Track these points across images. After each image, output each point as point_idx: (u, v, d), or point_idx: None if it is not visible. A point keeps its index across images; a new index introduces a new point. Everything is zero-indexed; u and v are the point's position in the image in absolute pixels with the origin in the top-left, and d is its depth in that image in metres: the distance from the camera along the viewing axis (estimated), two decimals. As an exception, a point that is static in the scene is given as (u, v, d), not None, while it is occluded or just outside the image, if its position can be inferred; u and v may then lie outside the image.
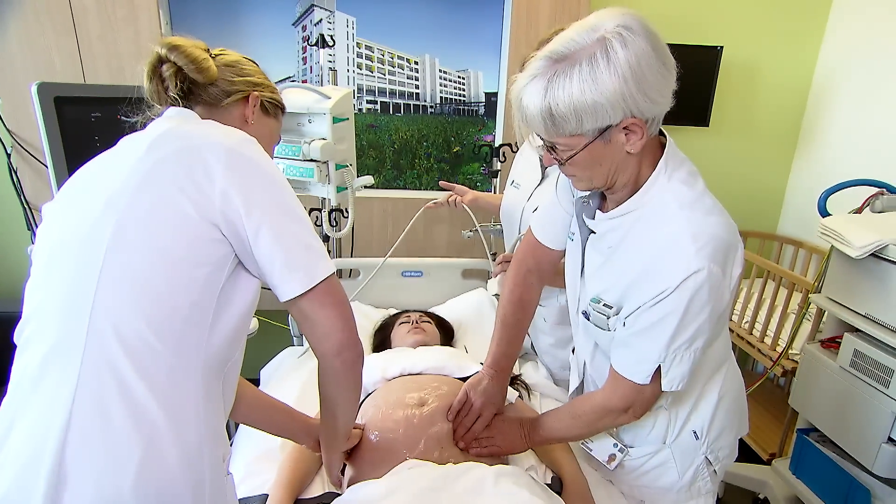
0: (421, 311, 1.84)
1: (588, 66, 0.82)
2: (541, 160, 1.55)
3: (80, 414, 0.67)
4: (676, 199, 0.93)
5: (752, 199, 2.79)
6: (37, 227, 2.21)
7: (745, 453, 2.28)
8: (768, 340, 2.17)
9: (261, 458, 1.27)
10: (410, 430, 1.18)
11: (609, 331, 1.04)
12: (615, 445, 1.16)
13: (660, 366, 0.97)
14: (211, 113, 0.94)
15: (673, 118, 2.79)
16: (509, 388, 1.36)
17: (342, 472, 1.17)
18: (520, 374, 1.61)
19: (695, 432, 1.11)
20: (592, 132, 0.88)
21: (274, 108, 1.04)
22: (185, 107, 0.92)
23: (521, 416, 1.29)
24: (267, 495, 1.14)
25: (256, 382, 1.64)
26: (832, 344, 1.72)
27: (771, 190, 2.79)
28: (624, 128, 0.88)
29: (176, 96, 0.91)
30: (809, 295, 1.83)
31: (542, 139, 0.93)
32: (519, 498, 0.99)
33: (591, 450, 1.18)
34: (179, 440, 0.70)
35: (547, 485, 1.18)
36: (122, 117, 1.18)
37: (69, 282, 0.73)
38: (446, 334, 1.77)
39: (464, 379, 1.35)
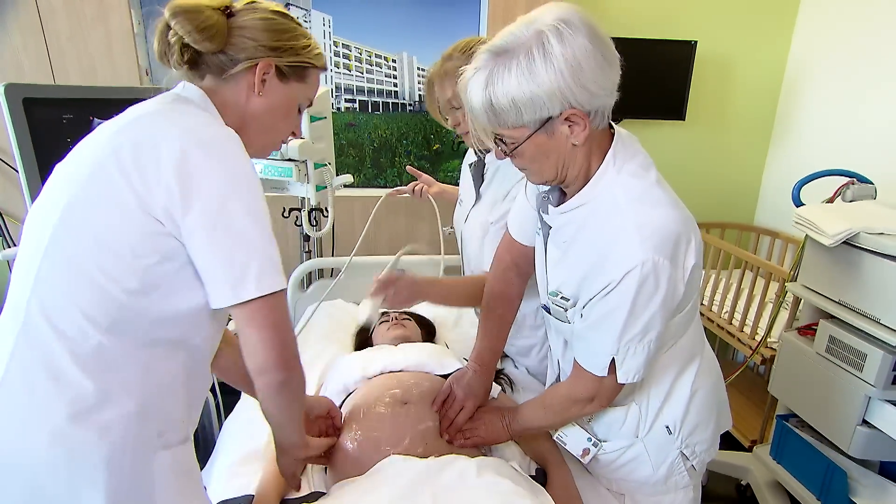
0: (401, 311, 1.84)
1: (525, 60, 0.85)
2: (475, 180, 1.54)
3: (9, 379, 0.75)
4: (625, 191, 0.95)
5: (728, 192, 2.84)
6: (8, 233, 2.18)
7: (728, 441, 2.31)
8: (747, 330, 2.21)
9: (246, 459, 1.26)
10: (395, 427, 1.19)
11: (570, 323, 1.06)
12: (589, 440, 1.17)
13: (614, 359, 0.98)
14: (218, 83, 0.89)
15: (649, 112, 2.85)
16: (493, 383, 1.37)
17: (325, 472, 1.17)
18: (503, 369, 1.62)
19: (668, 427, 1.12)
20: (534, 123, 0.90)
21: (296, 70, 0.92)
22: (196, 75, 0.89)
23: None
24: (252, 496, 1.13)
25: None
26: (809, 331, 1.76)
27: (747, 182, 2.85)
28: (566, 119, 0.90)
29: (184, 65, 0.87)
30: (786, 284, 1.86)
31: (492, 133, 0.95)
32: (502, 488, 1.00)
33: (565, 444, 1.20)
34: (102, 411, 0.75)
35: (531, 477, 1.19)
36: (95, 118, 1.15)
37: (23, 260, 0.79)
38: (428, 331, 1.77)
39: (446, 376, 1.36)
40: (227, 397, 1.80)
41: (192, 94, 0.88)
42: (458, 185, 2.20)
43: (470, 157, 1.61)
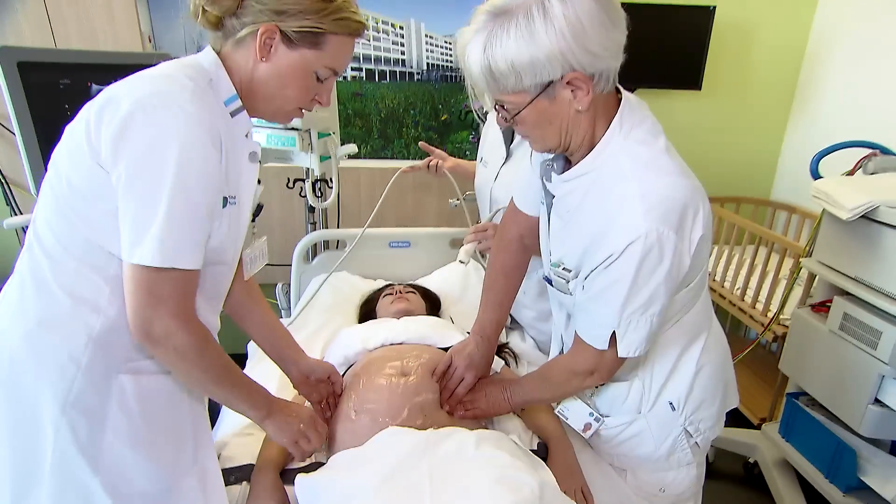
0: (406, 284, 1.82)
1: (525, 21, 0.82)
2: (505, 137, 1.51)
3: (13, 278, 0.91)
4: (631, 159, 0.92)
5: (745, 164, 2.76)
6: (15, 202, 2.19)
7: (736, 418, 2.30)
8: (760, 306, 2.17)
9: (247, 429, 1.26)
10: (394, 399, 1.18)
11: (571, 294, 1.04)
12: (591, 414, 1.16)
13: (615, 332, 0.97)
14: (232, 48, 0.91)
15: (663, 81, 2.77)
16: (496, 356, 1.36)
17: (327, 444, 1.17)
18: (507, 343, 1.61)
19: (671, 403, 1.11)
20: (534, 88, 0.87)
21: (306, 36, 0.89)
22: (220, 38, 0.92)
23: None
24: (252, 465, 1.14)
25: (244, 357, 1.65)
26: (822, 308, 1.72)
27: (765, 154, 2.76)
28: (567, 83, 0.87)
29: (209, 26, 0.91)
30: (800, 259, 1.82)
31: (494, 98, 0.92)
32: (500, 461, 0.99)
33: (566, 418, 1.19)
34: (69, 325, 0.86)
35: (533, 451, 1.18)
36: (93, 84, 1.16)
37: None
38: (432, 305, 1.76)
39: (448, 349, 1.34)
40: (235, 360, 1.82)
41: (205, 59, 0.91)
42: (468, 157, 2.19)
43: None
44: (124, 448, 0.90)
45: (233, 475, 1.13)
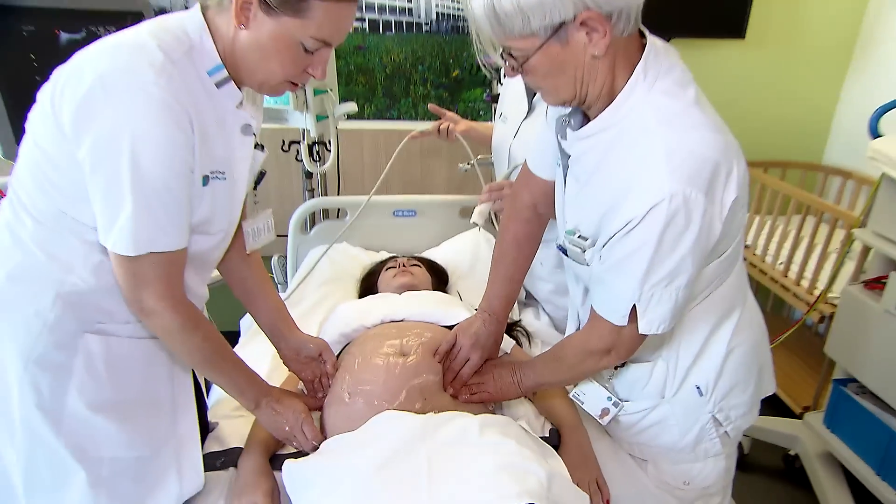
0: (410, 256, 1.80)
1: None
2: (527, 89, 1.48)
3: None
4: (655, 112, 0.88)
5: (794, 123, 2.67)
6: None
7: (775, 406, 2.27)
8: (805, 283, 2.12)
9: (238, 410, 1.26)
10: (391, 380, 1.17)
11: (587, 265, 1.02)
12: (609, 399, 1.15)
13: (635, 306, 0.94)
14: (217, 11, 0.91)
15: (702, 30, 2.67)
16: (506, 336, 1.34)
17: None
18: (519, 321, 1.58)
19: (698, 387, 1.09)
20: (544, 31, 0.84)
21: (287, 2, 0.86)
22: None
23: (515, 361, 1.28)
24: (241, 449, 1.14)
25: (236, 335, 1.67)
26: (877, 285, 1.68)
27: (817, 112, 2.67)
28: (581, 24, 0.83)
29: None
30: (853, 230, 1.75)
31: (500, 45, 0.89)
32: (506, 448, 0.97)
33: (582, 402, 1.18)
34: (38, 282, 0.92)
35: (543, 438, 1.16)
36: (62, 31, 1.17)
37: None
38: (439, 279, 1.74)
39: (453, 327, 1.33)
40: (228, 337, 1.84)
41: (191, 22, 0.91)
42: (482, 119, 2.15)
43: None
44: (89, 411, 0.95)
45: (220, 459, 1.14)
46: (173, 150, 0.85)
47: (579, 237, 1.01)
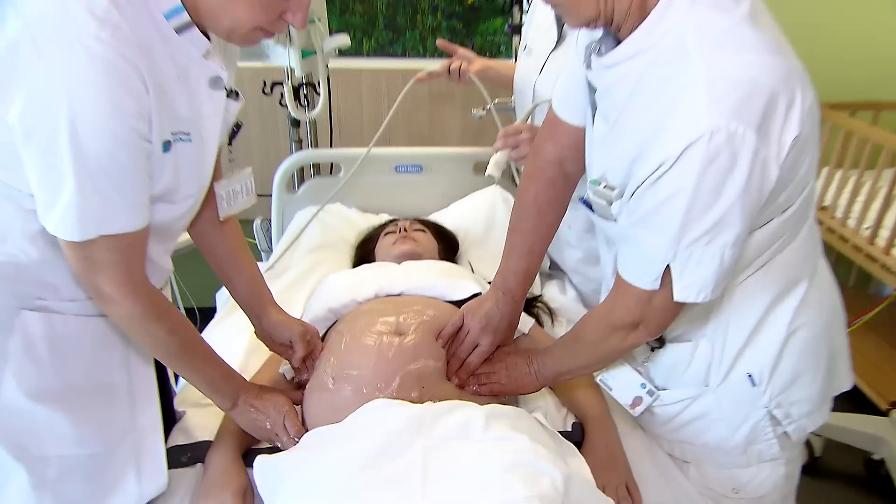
0: (414, 220, 1.79)
1: None
2: (556, 18, 1.45)
3: None
4: (697, 31, 0.85)
5: (884, 50, 2.56)
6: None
7: (856, 401, 2.24)
8: (896, 252, 2.07)
9: (208, 399, 1.24)
10: (383, 364, 1.17)
11: (615, 221, 1.00)
12: (642, 386, 1.13)
13: (670, 267, 0.92)
14: None
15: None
16: (524, 314, 1.33)
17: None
18: (540, 295, 1.57)
19: (750, 376, 1.07)
20: None
21: None
22: None
23: (534, 346, 1.26)
24: (209, 443, 1.15)
25: (211, 311, 1.70)
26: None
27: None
28: None
29: None
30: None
31: None
32: (516, 445, 0.97)
33: (610, 389, 1.18)
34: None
35: (565, 434, 1.16)
36: None
37: None
38: (447, 247, 1.73)
39: (461, 304, 1.32)
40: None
41: None
42: (503, 55, 2.09)
43: None
44: (29, 400, 0.94)
45: (185, 454, 1.16)
46: (121, 120, 0.83)
47: (605, 187, 0.99)
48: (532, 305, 1.48)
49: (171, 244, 1.11)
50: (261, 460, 1.04)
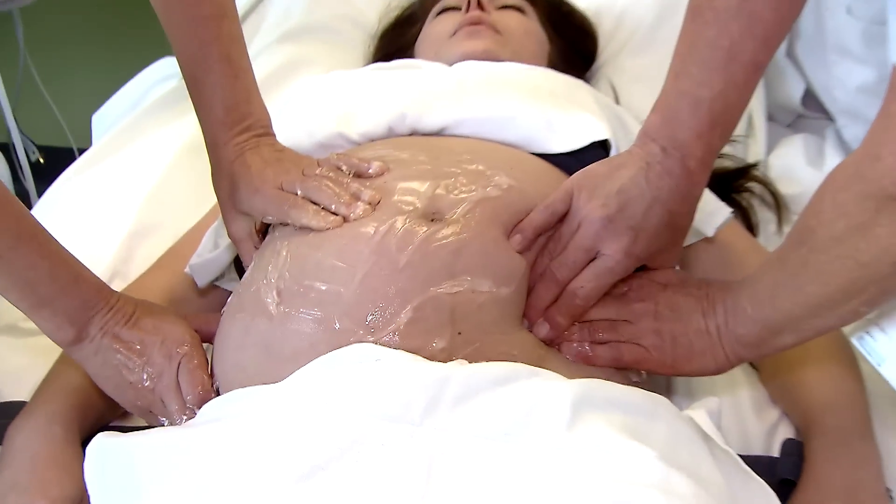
0: None
1: None
2: None
3: None
4: None
5: None
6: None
7: None
8: None
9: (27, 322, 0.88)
10: (382, 274, 0.66)
11: None
12: None
13: None
14: None
15: None
16: (713, 196, 0.81)
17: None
18: (757, 164, 0.98)
19: None
20: None
21: None
22: None
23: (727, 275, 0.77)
24: (20, 405, 0.76)
25: (67, 152, 1.46)
26: None
27: None
28: None
29: None
30: None
31: None
32: (628, 467, 0.56)
33: (882, 360, 0.72)
34: None
35: (759, 460, 0.68)
36: None
37: None
38: (570, 46, 1.07)
39: (570, 163, 0.78)
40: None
41: None
42: None
43: None
44: None
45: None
46: None
47: None
48: (736, 184, 0.90)
49: None
50: (101, 442, 0.63)
